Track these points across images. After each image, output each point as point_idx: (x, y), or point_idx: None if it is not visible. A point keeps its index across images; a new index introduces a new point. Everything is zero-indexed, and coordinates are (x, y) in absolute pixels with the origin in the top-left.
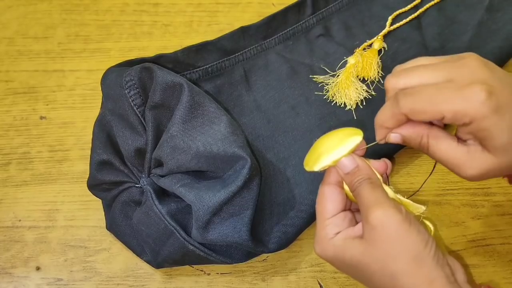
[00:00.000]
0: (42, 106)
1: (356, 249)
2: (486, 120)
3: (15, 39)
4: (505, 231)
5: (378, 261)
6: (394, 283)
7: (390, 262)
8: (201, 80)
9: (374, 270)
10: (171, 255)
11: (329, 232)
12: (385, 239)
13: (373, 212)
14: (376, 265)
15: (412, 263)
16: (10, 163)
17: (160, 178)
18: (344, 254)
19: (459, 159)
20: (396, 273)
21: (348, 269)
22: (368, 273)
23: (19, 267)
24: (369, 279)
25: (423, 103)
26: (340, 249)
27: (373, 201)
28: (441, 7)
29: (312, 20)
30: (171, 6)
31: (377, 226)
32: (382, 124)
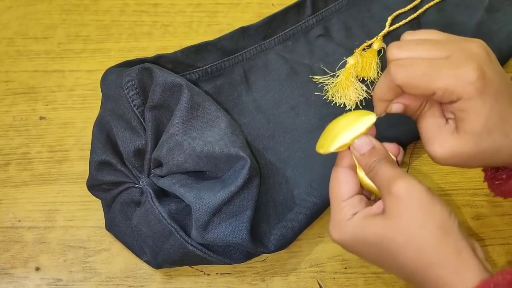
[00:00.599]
0: (41, 106)
1: (378, 225)
2: (469, 101)
3: (14, 39)
4: (505, 232)
5: (404, 233)
6: (421, 256)
7: (416, 232)
8: (201, 81)
9: (399, 243)
10: (170, 256)
11: (346, 213)
12: (411, 208)
13: (396, 184)
14: (402, 238)
15: (439, 232)
16: (10, 163)
17: (160, 179)
18: (365, 232)
19: (432, 134)
20: (423, 244)
21: (369, 250)
22: (392, 249)
23: (19, 267)
24: (393, 256)
25: (416, 77)
26: (360, 228)
27: (395, 175)
28: (440, 8)
29: (312, 20)
30: (171, 6)
31: (401, 196)
32: (381, 98)
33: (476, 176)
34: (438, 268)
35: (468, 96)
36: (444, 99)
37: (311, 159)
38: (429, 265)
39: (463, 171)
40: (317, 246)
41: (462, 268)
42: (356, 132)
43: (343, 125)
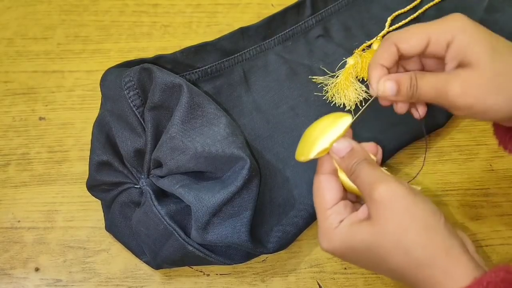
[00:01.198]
0: (41, 107)
1: (365, 231)
2: (466, 34)
3: (14, 39)
4: (504, 232)
5: (390, 238)
6: (409, 258)
7: (402, 236)
8: (201, 81)
9: (387, 248)
10: (170, 256)
11: (332, 221)
12: (394, 213)
13: (377, 189)
14: (389, 243)
15: (424, 233)
16: (9, 164)
17: (160, 179)
18: (353, 239)
19: (446, 81)
20: (410, 246)
21: (359, 256)
22: (381, 254)
23: (18, 268)
24: (382, 261)
25: (411, 30)
26: (347, 235)
27: (375, 179)
28: (440, 8)
29: (311, 21)
30: (171, 7)
31: (383, 201)
32: (377, 62)
33: (476, 177)
34: (427, 268)
35: (463, 29)
36: (439, 46)
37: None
38: (418, 266)
39: (463, 171)
40: (316, 247)
41: (452, 266)
42: (333, 136)
43: (320, 130)
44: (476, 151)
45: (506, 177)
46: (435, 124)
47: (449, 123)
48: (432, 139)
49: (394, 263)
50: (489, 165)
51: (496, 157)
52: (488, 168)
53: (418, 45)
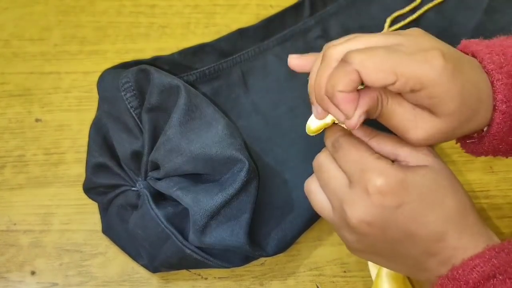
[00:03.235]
0: (37, 108)
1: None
2: (439, 87)
3: (10, 41)
4: (504, 234)
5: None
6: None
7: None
8: (198, 82)
9: (453, 185)
10: (168, 259)
11: (385, 160)
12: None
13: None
14: (455, 183)
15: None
16: (5, 166)
17: (157, 181)
18: (418, 171)
19: (409, 121)
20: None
21: (423, 190)
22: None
23: (14, 271)
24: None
25: (377, 61)
26: (410, 169)
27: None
28: (439, 9)
29: (310, 21)
30: (168, 7)
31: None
32: (334, 86)
33: (476, 179)
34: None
35: (436, 83)
36: (405, 87)
37: (309, 161)
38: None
39: (460, 173)
40: (316, 250)
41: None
42: None
43: None
44: None
45: (506, 179)
46: None
47: None
48: None
49: (464, 199)
50: (489, 167)
51: (496, 159)
52: (489, 170)
53: (381, 82)
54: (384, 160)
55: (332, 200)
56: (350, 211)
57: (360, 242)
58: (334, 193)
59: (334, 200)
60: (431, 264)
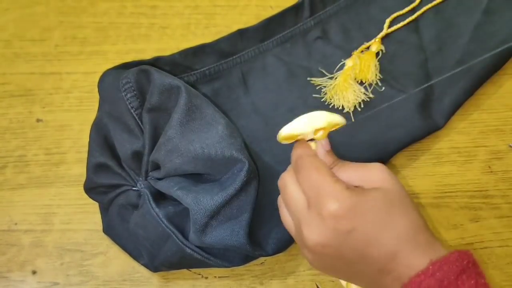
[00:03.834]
0: (38, 108)
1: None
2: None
3: (12, 41)
4: (503, 234)
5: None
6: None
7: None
8: (199, 83)
9: (407, 204)
10: (168, 259)
11: (342, 184)
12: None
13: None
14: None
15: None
16: (6, 166)
17: (158, 181)
18: (371, 193)
19: None
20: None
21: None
22: (406, 203)
23: (15, 271)
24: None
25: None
26: (360, 191)
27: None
28: (438, 10)
29: (310, 22)
30: (169, 8)
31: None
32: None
33: (475, 178)
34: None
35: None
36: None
37: None
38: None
39: (462, 173)
40: None
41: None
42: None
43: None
44: (475, 153)
45: (505, 179)
46: (434, 126)
47: (448, 125)
48: (431, 141)
49: (417, 217)
50: (488, 167)
51: (495, 158)
52: (487, 170)
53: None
54: (340, 185)
55: (293, 220)
56: (306, 233)
57: (318, 261)
58: (294, 213)
59: (294, 220)
60: (387, 281)
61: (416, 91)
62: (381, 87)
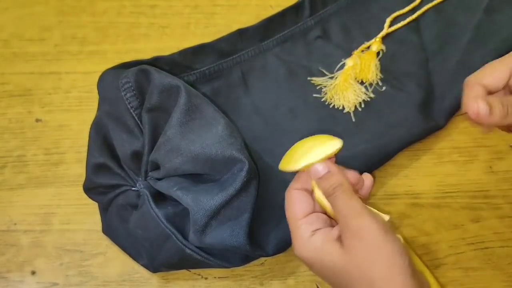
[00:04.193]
0: (37, 108)
1: (335, 253)
2: None
3: (10, 41)
4: (504, 234)
5: (358, 267)
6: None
7: (369, 268)
8: (199, 83)
9: (353, 276)
10: (168, 259)
11: (304, 231)
12: (364, 247)
13: (351, 222)
14: (356, 271)
15: (388, 271)
16: (5, 166)
17: (157, 181)
18: (324, 257)
19: None
20: (375, 279)
21: (327, 273)
22: (346, 279)
23: (14, 271)
24: (347, 285)
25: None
26: (319, 250)
27: (350, 210)
28: (439, 9)
29: (310, 22)
30: (168, 8)
31: (356, 235)
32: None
33: (476, 179)
34: None
35: None
36: None
37: None
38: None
39: (462, 173)
40: None
41: None
42: (320, 154)
43: (309, 147)
44: (476, 153)
45: (506, 178)
46: (435, 125)
47: (449, 124)
48: (431, 141)
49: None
50: (489, 167)
51: (496, 158)
52: (488, 170)
53: (502, 78)
54: (304, 228)
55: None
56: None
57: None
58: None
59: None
60: None
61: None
62: (382, 86)
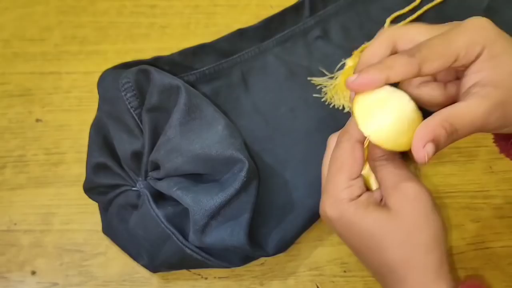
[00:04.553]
0: (38, 108)
1: (379, 216)
2: (497, 44)
3: (11, 41)
4: (504, 234)
5: (403, 232)
6: (408, 257)
7: (414, 234)
8: (199, 83)
9: (393, 240)
10: (168, 259)
11: (353, 192)
12: (416, 210)
13: (407, 183)
14: (400, 235)
15: (432, 240)
16: (6, 166)
17: (157, 181)
18: (364, 219)
19: (485, 113)
20: (417, 247)
21: (359, 236)
22: (383, 242)
23: (15, 271)
24: (380, 250)
25: (435, 49)
26: (360, 212)
27: (406, 174)
28: (439, 9)
29: (310, 22)
30: (169, 8)
31: (410, 196)
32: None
33: (476, 179)
34: (421, 273)
35: (493, 39)
36: (468, 58)
37: (310, 161)
38: (414, 268)
39: (462, 173)
40: (316, 250)
41: (440, 280)
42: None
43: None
44: (476, 153)
45: (506, 179)
46: None
47: None
48: None
49: (391, 258)
50: (489, 167)
51: (496, 158)
52: (488, 170)
53: (444, 65)
54: (354, 190)
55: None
56: (325, 203)
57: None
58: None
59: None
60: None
61: None
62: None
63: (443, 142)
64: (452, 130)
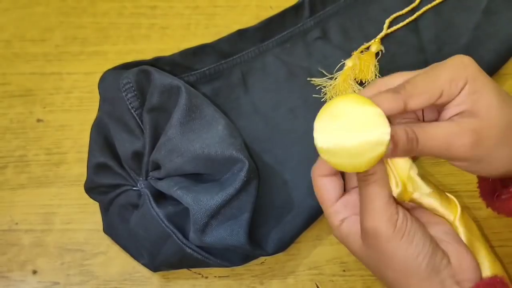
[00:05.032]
0: (39, 109)
1: (357, 246)
2: (478, 81)
3: (12, 41)
4: (502, 234)
5: (374, 264)
6: (390, 283)
7: (382, 269)
8: (199, 83)
9: (373, 267)
10: (168, 259)
11: (334, 220)
12: (377, 249)
13: (366, 222)
14: (373, 266)
15: (401, 275)
16: (7, 166)
17: (158, 181)
18: (350, 246)
19: (453, 133)
20: (389, 279)
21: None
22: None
23: (16, 270)
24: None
25: (420, 86)
26: (346, 240)
27: (370, 208)
28: (438, 10)
29: (310, 23)
30: (169, 9)
31: (369, 235)
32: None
33: (474, 179)
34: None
35: (476, 75)
36: (452, 92)
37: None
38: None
39: (462, 173)
40: (315, 249)
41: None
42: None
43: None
44: None
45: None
46: None
47: None
48: None
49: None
50: None
51: None
52: None
53: (430, 101)
54: (335, 215)
55: None
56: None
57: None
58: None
59: None
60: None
61: None
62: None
63: (401, 146)
64: (413, 137)
